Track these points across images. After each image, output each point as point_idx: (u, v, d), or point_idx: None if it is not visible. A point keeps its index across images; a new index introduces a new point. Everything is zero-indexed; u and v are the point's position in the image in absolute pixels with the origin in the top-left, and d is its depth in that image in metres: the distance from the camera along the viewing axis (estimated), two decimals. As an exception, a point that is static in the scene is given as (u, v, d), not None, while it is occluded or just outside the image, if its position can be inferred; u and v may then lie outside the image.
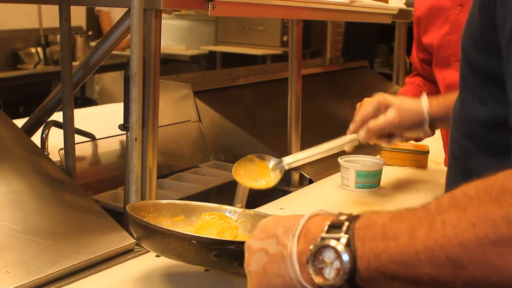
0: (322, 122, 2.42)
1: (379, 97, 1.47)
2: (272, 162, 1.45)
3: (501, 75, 0.77)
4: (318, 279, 0.73)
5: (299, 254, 0.76)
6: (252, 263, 0.83)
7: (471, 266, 0.64)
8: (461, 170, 0.94)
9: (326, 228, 0.74)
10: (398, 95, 1.91)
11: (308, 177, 1.95)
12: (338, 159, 1.80)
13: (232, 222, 1.26)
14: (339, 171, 1.84)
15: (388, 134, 1.49)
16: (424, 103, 1.47)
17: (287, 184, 1.95)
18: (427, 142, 1.82)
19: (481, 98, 0.85)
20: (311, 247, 0.74)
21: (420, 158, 2.06)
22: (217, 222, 1.26)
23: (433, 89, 1.85)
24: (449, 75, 1.72)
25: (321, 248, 0.73)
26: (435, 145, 2.02)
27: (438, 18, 1.75)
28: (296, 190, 1.88)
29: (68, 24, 1.40)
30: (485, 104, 0.84)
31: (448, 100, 1.45)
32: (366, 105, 1.48)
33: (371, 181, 1.78)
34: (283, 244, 0.78)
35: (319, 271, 0.73)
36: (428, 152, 2.06)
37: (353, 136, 1.48)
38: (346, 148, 1.50)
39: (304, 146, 2.01)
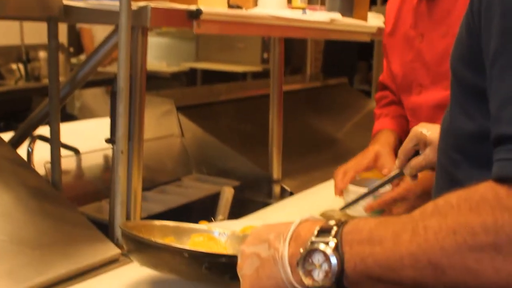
0: (303, 137, 2.46)
1: (417, 134, 1.46)
2: None
3: (486, 91, 0.81)
4: (307, 281, 0.77)
5: (290, 257, 0.80)
6: (245, 267, 0.87)
7: (450, 270, 0.68)
8: (447, 180, 0.96)
9: (316, 232, 0.79)
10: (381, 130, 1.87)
11: (289, 190, 1.98)
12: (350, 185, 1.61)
13: (221, 243, 1.30)
14: (318, 184, 1.87)
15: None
16: None
17: (268, 196, 1.99)
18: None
19: (468, 113, 0.88)
20: (301, 250, 0.78)
21: None
22: (207, 243, 1.29)
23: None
24: (412, 99, 1.72)
25: (311, 251, 0.77)
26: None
27: (405, 46, 1.75)
28: (276, 202, 1.92)
29: (56, 41, 1.44)
30: (472, 119, 0.86)
31: None
32: (406, 142, 1.47)
33: None
34: (275, 247, 0.82)
35: (309, 273, 0.77)
36: None
37: (399, 171, 1.44)
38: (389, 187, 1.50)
39: (284, 160, 2.05)
